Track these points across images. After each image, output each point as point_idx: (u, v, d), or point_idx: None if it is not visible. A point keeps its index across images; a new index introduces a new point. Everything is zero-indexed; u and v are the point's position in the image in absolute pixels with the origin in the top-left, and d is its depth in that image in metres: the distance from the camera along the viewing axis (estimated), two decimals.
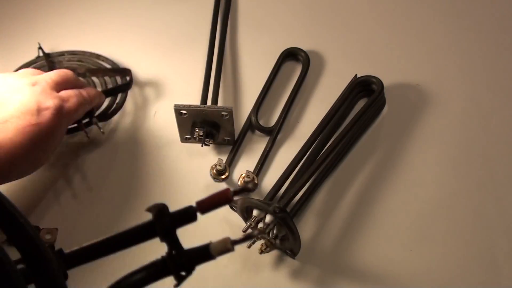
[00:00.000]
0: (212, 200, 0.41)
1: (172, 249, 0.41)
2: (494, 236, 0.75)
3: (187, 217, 0.41)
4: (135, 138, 0.86)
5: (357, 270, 0.74)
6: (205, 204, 0.41)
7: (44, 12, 1.03)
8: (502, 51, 0.94)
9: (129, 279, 0.41)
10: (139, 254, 0.52)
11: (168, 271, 0.41)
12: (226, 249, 0.42)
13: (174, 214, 0.41)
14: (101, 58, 0.95)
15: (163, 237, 0.41)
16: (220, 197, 0.40)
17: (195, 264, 0.42)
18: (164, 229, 0.40)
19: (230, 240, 0.41)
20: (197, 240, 0.79)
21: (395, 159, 0.83)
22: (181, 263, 0.41)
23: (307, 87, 0.91)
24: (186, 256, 0.41)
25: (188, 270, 0.42)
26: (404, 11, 1.00)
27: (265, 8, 1.02)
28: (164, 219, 0.40)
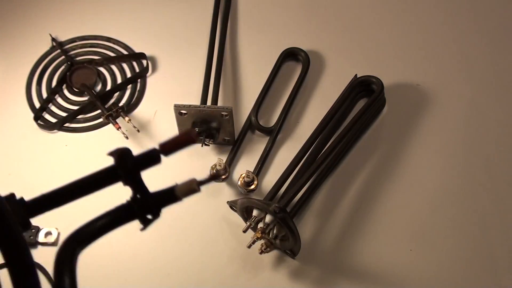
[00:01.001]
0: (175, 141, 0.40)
1: (136, 192, 0.40)
2: (494, 236, 0.75)
3: (150, 159, 0.40)
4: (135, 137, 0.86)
5: (357, 270, 0.74)
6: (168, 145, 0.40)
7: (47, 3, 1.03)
8: (502, 51, 0.94)
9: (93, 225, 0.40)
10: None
11: (133, 215, 0.40)
12: (192, 190, 0.40)
13: (137, 157, 0.39)
14: (112, 41, 0.97)
15: (126, 181, 0.40)
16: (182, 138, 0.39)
17: (161, 207, 0.40)
18: (127, 172, 0.39)
19: (196, 181, 0.40)
20: (197, 239, 0.79)
21: (395, 159, 0.83)
22: (146, 206, 0.40)
23: (307, 87, 0.91)
24: (152, 199, 0.40)
25: (154, 213, 0.40)
26: (404, 11, 1.00)
27: (265, 8, 1.02)
28: (126, 162, 0.39)
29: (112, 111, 0.84)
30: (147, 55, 0.94)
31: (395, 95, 0.88)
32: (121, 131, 0.83)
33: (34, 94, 0.92)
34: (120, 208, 0.41)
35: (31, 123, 0.88)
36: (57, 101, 0.92)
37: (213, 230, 0.78)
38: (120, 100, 0.91)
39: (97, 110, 0.89)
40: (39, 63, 0.95)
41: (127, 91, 0.92)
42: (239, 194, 0.81)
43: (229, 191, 0.81)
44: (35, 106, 0.91)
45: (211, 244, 0.77)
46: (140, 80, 0.93)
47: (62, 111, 0.90)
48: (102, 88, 0.92)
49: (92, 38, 0.98)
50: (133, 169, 0.39)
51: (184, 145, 0.40)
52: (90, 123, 0.89)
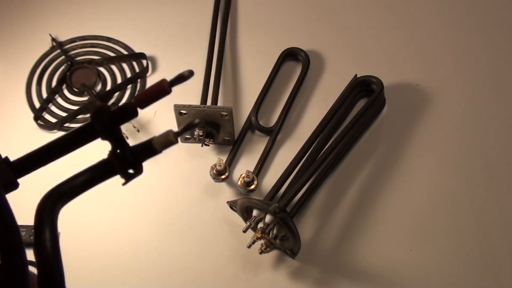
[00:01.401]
0: (149, 92, 0.39)
1: (116, 148, 0.40)
2: (494, 236, 0.75)
3: (126, 113, 0.40)
4: (135, 137, 0.86)
5: (357, 270, 0.74)
6: (142, 97, 0.39)
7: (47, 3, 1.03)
8: (502, 51, 0.94)
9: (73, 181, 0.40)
10: None
11: (114, 170, 0.40)
12: (169, 141, 0.39)
13: (113, 112, 0.40)
14: (112, 41, 0.97)
15: (104, 136, 0.40)
16: (155, 88, 0.39)
17: (140, 160, 0.41)
18: (103, 127, 0.39)
19: (172, 132, 0.39)
20: (197, 239, 0.79)
21: (395, 159, 0.83)
22: (126, 160, 0.40)
23: (307, 87, 0.91)
24: (130, 152, 0.40)
25: (135, 168, 0.41)
26: (404, 11, 1.00)
27: (265, 8, 1.02)
28: (102, 117, 0.39)
29: None
30: (147, 55, 0.94)
31: (395, 95, 0.89)
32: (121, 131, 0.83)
33: (34, 94, 0.92)
34: (100, 163, 0.41)
35: (31, 123, 0.88)
36: (57, 101, 0.92)
37: (213, 230, 0.78)
38: (120, 100, 0.91)
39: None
40: (39, 63, 0.95)
41: (127, 91, 0.92)
42: (239, 194, 0.81)
43: (229, 191, 0.81)
44: (35, 106, 0.91)
45: (211, 244, 0.77)
46: (140, 80, 0.93)
47: (62, 111, 0.90)
48: (102, 88, 0.93)
49: (92, 38, 0.98)
50: (109, 123, 0.39)
51: (157, 96, 0.39)
52: None
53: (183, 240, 0.78)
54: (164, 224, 0.79)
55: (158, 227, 0.79)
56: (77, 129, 0.42)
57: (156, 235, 0.78)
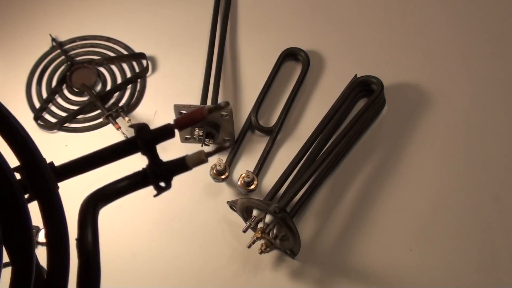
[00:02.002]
0: (189, 116, 0.45)
1: (152, 162, 0.45)
2: (494, 236, 0.75)
3: (166, 133, 0.45)
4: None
5: (357, 270, 0.74)
6: (182, 120, 0.45)
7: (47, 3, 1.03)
8: (502, 51, 0.94)
9: (114, 186, 0.45)
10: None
11: (148, 181, 0.45)
12: (201, 160, 0.44)
13: (154, 131, 0.45)
14: (112, 41, 0.97)
15: (144, 151, 0.45)
16: (196, 114, 0.44)
17: (173, 175, 0.45)
18: (144, 144, 0.44)
19: (204, 152, 0.44)
20: (197, 239, 0.79)
21: (395, 159, 0.83)
22: (159, 173, 0.44)
23: (307, 87, 0.91)
24: (164, 167, 0.45)
25: (166, 180, 0.45)
26: (404, 11, 1.00)
27: (265, 8, 1.02)
28: (145, 134, 0.44)
29: (112, 111, 0.84)
30: (147, 55, 0.94)
31: (395, 95, 0.89)
32: (121, 131, 0.83)
33: (34, 94, 0.92)
34: (137, 173, 0.45)
35: (31, 123, 0.88)
36: (57, 101, 0.92)
37: (213, 230, 0.78)
38: (120, 100, 0.91)
39: (97, 110, 0.90)
40: (39, 63, 0.95)
41: (127, 91, 0.92)
42: (239, 194, 0.81)
43: (229, 191, 0.81)
44: (35, 106, 0.91)
45: (211, 244, 0.77)
46: (140, 80, 0.93)
47: (62, 111, 0.90)
48: (102, 88, 0.93)
49: (92, 38, 0.98)
50: (150, 140, 0.44)
51: (196, 121, 0.45)
52: (90, 123, 0.89)
53: (183, 240, 0.78)
54: (164, 224, 0.80)
55: (158, 227, 0.79)
56: (120, 142, 0.46)
57: (156, 235, 0.78)
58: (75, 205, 0.46)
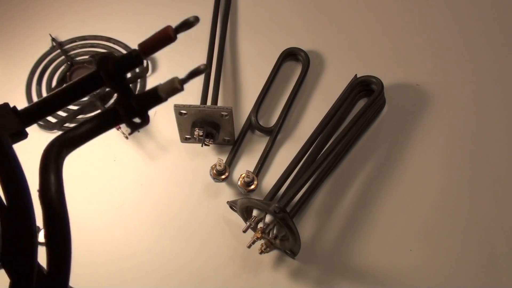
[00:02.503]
0: (153, 38, 0.39)
1: (121, 95, 0.39)
2: (494, 236, 0.75)
3: (131, 60, 0.40)
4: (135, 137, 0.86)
5: (357, 270, 0.74)
6: (146, 44, 0.39)
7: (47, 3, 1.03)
8: (502, 51, 0.94)
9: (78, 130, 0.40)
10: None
11: (118, 119, 0.40)
12: (174, 88, 0.39)
13: (117, 58, 0.39)
14: (112, 41, 0.98)
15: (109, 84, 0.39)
16: (160, 34, 0.39)
17: (146, 108, 0.40)
18: (108, 75, 0.39)
19: (178, 79, 0.39)
20: (197, 239, 0.79)
21: (395, 159, 0.83)
22: (131, 108, 0.39)
23: (307, 87, 0.91)
24: (136, 100, 0.39)
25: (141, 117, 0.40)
26: (404, 11, 1.00)
27: (265, 8, 1.02)
28: (107, 64, 0.38)
29: None
30: None
31: (395, 95, 0.89)
32: (121, 131, 0.83)
33: (34, 94, 0.92)
34: (105, 112, 0.40)
35: None
36: None
37: (213, 230, 0.78)
38: None
39: (97, 110, 0.89)
40: (39, 63, 0.95)
41: None
42: (239, 194, 0.81)
43: (229, 191, 0.81)
44: None
45: (211, 244, 0.77)
46: (140, 80, 0.93)
47: (62, 111, 0.90)
48: (102, 88, 0.92)
49: (92, 38, 0.98)
50: (114, 71, 0.39)
51: (162, 43, 0.39)
52: None
53: (183, 240, 0.78)
54: (164, 224, 0.80)
55: (158, 227, 0.79)
56: (82, 77, 0.41)
57: (156, 235, 0.78)
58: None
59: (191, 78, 0.40)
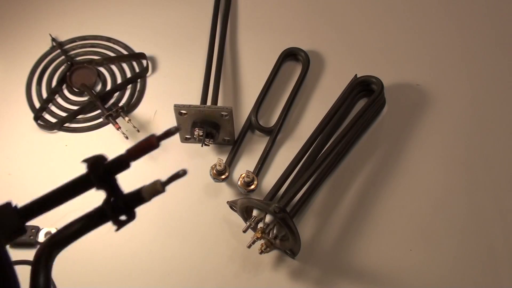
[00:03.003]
0: (139, 146, 0.43)
1: (109, 196, 0.43)
2: (494, 236, 0.75)
3: (120, 165, 0.43)
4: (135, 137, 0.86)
5: (357, 270, 0.74)
6: (133, 150, 0.43)
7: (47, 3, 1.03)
8: (502, 51, 0.94)
9: (68, 230, 0.43)
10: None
11: (106, 217, 0.43)
12: (156, 191, 0.43)
13: (107, 164, 0.43)
14: (112, 41, 0.98)
15: (99, 186, 0.43)
16: (145, 143, 0.43)
17: (130, 208, 0.43)
18: (98, 178, 0.42)
19: (160, 182, 0.43)
20: (197, 239, 0.79)
21: (395, 159, 0.83)
22: (117, 208, 0.43)
23: (307, 87, 0.91)
24: (122, 201, 0.43)
25: (127, 214, 0.43)
26: (404, 11, 1.00)
27: (265, 8, 1.02)
28: (98, 169, 0.42)
29: (112, 111, 0.84)
30: (147, 55, 0.94)
31: (395, 95, 0.89)
32: (121, 131, 0.83)
33: (34, 94, 0.92)
34: (93, 212, 0.44)
35: (31, 123, 0.88)
36: (57, 101, 0.92)
37: (213, 230, 0.78)
38: (120, 100, 0.91)
39: (97, 110, 0.89)
40: (39, 63, 0.95)
41: (127, 91, 0.92)
42: (239, 194, 0.81)
43: (229, 191, 0.81)
44: (35, 106, 0.91)
45: (211, 244, 0.77)
46: (140, 80, 0.93)
47: (62, 111, 0.90)
48: (102, 88, 0.93)
49: (92, 38, 0.98)
50: (103, 175, 0.42)
51: (147, 150, 0.43)
52: (90, 123, 0.89)
53: (183, 240, 0.78)
54: (164, 224, 0.79)
55: (158, 227, 0.79)
56: (74, 179, 0.44)
57: (156, 235, 0.78)
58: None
59: (171, 182, 0.44)
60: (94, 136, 0.88)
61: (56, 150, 0.86)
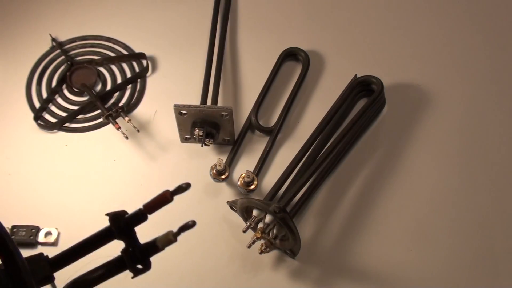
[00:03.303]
0: (155, 201, 0.49)
1: (128, 246, 0.48)
2: (494, 236, 0.75)
3: (138, 219, 0.49)
4: (135, 137, 0.86)
5: (357, 270, 0.74)
6: (150, 205, 0.49)
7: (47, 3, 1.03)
8: (502, 51, 0.94)
9: (89, 276, 0.48)
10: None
11: (124, 266, 0.48)
12: (169, 241, 0.49)
13: (127, 219, 0.49)
14: (112, 41, 0.97)
15: (120, 237, 0.48)
16: (161, 198, 0.49)
17: (147, 257, 0.48)
18: (120, 231, 0.48)
19: (171, 233, 0.48)
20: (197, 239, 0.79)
21: (395, 159, 0.83)
22: (135, 257, 0.48)
23: (307, 87, 0.91)
24: (139, 249, 0.48)
25: (143, 264, 0.48)
26: (404, 11, 1.00)
27: (265, 8, 1.02)
28: (119, 222, 0.48)
29: (112, 111, 0.84)
30: (147, 55, 0.94)
31: (395, 95, 0.89)
32: (121, 131, 0.83)
33: (34, 94, 0.92)
34: (113, 260, 0.49)
35: (31, 123, 0.88)
36: (57, 101, 0.92)
37: (213, 230, 0.78)
38: (120, 100, 0.91)
39: (97, 110, 0.89)
40: (39, 63, 0.95)
41: (127, 91, 0.92)
42: (239, 194, 0.81)
43: (229, 191, 0.81)
44: (35, 106, 0.91)
45: (211, 244, 0.77)
46: (140, 80, 0.93)
47: (62, 111, 0.90)
48: (102, 88, 0.93)
49: (92, 38, 0.98)
50: (124, 227, 0.48)
51: (162, 204, 0.49)
52: (90, 123, 0.89)
53: (183, 240, 0.77)
54: (163, 224, 0.79)
55: (158, 227, 0.79)
56: (97, 232, 0.50)
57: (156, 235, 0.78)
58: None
59: (182, 232, 0.49)
60: (94, 136, 0.88)
61: (56, 150, 0.86)
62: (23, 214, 0.79)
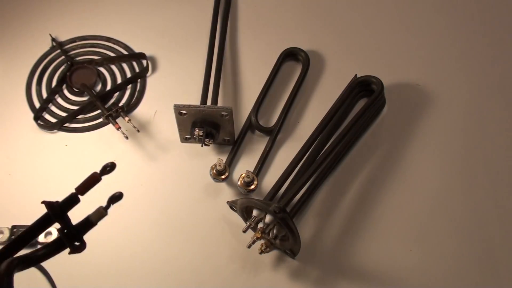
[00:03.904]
0: (85, 183, 0.53)
1: (64, 227, 0.52)
2: (493, 236, 0.75)
3: (72, 201, 0.53)
4: (135, 137, 0.86)
5: (357, 270, 0.74)
6: (81, 187, 0.53)
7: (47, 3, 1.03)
8: (502, 51, 0.94)
9: (34, 254, 0.52)
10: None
11: (63, 245, 0.52)
12: (101, 214, 0.53)
13: (61, 203, 0.53)
14: (112, 41, 0.97)
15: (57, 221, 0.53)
16: (90, 179, 0.53)
17: (82, 234, 0.53)
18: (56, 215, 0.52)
19: (102, 207, 0.52)
20: (197, 239, 0.79)
21: (395, 159, 0.83)
22: (71, 236, 0.52)
23: (307, 87, 0.91)
24: (74, 230, 0.52)
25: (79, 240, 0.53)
26: (404, 11, 1.00)
27: (265, 8, 1.02)
28: (55, 209, 0.52)
29: (112, 111, 0.84)
30: (147, 55, 0.94)
31: (395, 95, 0.89)
32: (121, 131, 0.83)
33: (34, 94, 0.92)
34: (54, 241, 0.53)
35: (31, 123, 0.88)
36: (57, 101, 0.92)
37: (213, 230, 0.78)
38: (120, 100, 0.91)
39: (97, 110, 0.90)
40: (39, 63, 0.95)
41: (127, 91, 0.92)
42: (239, 194, 0.81)
43: (229, 191, 0.81)
44: (35, 106, 0.91)
45: (211, 244, 0.77)
46: (140, 80, 0.93)
47: (62, 111, 0.90)
48: (102, 88, 0.93)
49: (92, 38, 0.98)
50: (60, 212, 0.52)
51: (92, 184, 0.53)
52: (90, 123, 0.89)
53: (183, 240, 0.78)
54: (164, 224, 0.80)
55: (158, 227, 0.79)
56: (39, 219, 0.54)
57: (156, 235, 0.78)
58: None
59: (112, 204, 0.53)
60: (94, 136, 0.88)
61: (56, 150, 0.86)
62: (23, 214, 0.79)
